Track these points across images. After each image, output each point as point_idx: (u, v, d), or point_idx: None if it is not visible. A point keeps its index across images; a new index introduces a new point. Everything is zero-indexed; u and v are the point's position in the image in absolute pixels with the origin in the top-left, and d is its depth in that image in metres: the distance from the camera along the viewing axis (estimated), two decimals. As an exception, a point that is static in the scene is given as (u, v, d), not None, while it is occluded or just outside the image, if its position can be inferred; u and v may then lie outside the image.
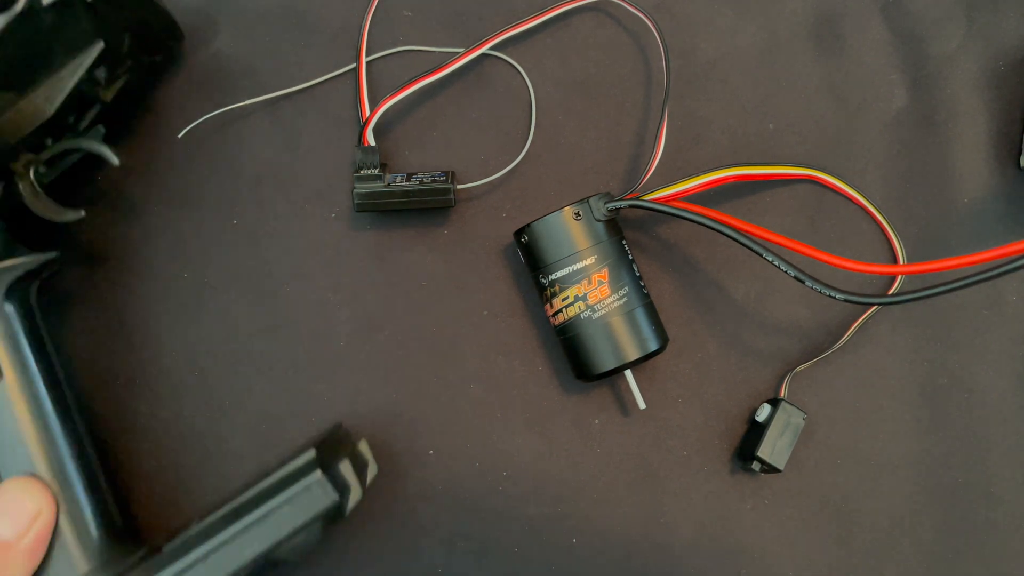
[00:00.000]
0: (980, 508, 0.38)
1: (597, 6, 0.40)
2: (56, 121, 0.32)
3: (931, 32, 0.40)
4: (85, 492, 0.31)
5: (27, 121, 0.31)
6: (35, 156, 0.33)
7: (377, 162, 0.36)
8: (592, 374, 0.34)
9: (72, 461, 0.31)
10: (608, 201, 0.35)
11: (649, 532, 0.37)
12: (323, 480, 0.29)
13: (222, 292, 0.38)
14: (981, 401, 0.38)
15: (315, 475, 0.29)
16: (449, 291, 0.38)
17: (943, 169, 0.39)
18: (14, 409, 0.31)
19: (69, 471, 0.31)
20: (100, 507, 0.32)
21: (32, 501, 0.29)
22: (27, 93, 0.31)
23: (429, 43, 0.39)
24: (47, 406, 0.31)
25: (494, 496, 0.37)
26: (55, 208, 0.33)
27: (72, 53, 0.32)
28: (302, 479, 0.30)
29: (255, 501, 0.30)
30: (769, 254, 0.33)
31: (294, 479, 0.30)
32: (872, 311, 0.38)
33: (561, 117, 0.39)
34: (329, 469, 0.30)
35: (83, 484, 0.31)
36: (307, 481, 0.29)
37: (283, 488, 0.30)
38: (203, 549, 0.29)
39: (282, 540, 0.29)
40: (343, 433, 0.35)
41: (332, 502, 0.30)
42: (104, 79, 0.34)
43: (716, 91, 0.40)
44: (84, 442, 0.32)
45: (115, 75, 0.34)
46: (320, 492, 0.29)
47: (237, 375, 0.38)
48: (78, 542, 0.31)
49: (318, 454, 0.30)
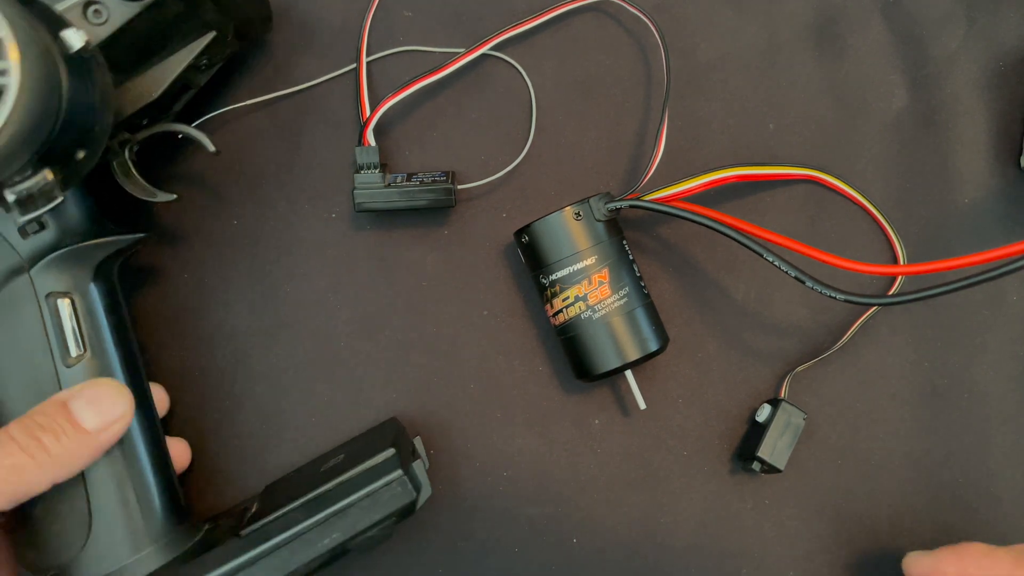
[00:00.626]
0: (980, 508, 0.38)
1: (597, 6, 0.40)
2: (156, 104, 0.33)
3: (931, 32, 0.40)
4: (153, 472, 0.31)
5: (132, 102, 0.32)
6: (131, 135, 0.33)
7: (377, 162, 0.36)
8: (592, 374, 0.34)
9: (145, 440, 0.32)
10: (608, 201, 0.35)
11: (649, 532, 0.37)
12: (404, 479, 0.31)
13: (222, 292, 0.38)
14: (981, 401, 0.38)
15: (396, 474, 0.31)
16: (449, 291, 0.38)
17: (943, 169, 0.39)
18: None
19: (141, 448, 0.31)
20: (167, 487, 0.32)
21: (120, 401, 0.30)
22: (136, 75, 0.32)
23: (429, 43, 0.39)
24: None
25: (494, 496, 0.37)
26: (148, 188, 0.34)
27: (185, 41, 0.33)
28: (384, 476, 0.31)
29: (337, 493, 0.31)
30: (769, 254, 0.33)
31: (376, 475, 0.31)
32: (872, 311, 0.38)
33: (561, 117, 0.39)
34: (407, 468, 0.31)
35: (152, 464, 0.32)
36: (389, 479, 0.31)
37: (365, 484, 0.31)
38: (286, 536, 0.30)
39: (359, 532, 0.31)
40: (401, 428, 0.35)
41: (410, 500, 0.31)
42: (204, 66, 0.35)
43: (716, 91, 0.40)
44: (155, 422, 0.33)
45: (213, 62, 0.35)
46: (400, 490, 0.31)
47: (236, 375, 0.38)
48: (145, 519, 0.31)
49: (396, 453, 0.31)
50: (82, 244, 0.31)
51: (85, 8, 0.29)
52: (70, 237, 0.31)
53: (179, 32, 0.32)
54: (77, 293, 0.31)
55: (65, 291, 0.31)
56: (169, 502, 0.32)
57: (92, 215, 0.32)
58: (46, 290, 0.30)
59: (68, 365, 0.30)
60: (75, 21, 0.29)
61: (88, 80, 0.27)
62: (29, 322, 0.30)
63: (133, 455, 0.31)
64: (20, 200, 0.26)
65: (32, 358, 0.30)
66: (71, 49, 0.27)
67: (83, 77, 0.27)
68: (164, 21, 0.31)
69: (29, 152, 0.25)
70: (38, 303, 0.30)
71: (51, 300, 0.30)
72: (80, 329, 0.31)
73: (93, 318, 0.31)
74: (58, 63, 0.26)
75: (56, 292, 0.30)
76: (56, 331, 0.30)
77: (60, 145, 0.27)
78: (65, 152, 0.28)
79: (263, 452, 0.37)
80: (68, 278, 0.31)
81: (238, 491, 0.37)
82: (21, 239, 0.30)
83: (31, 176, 0.26)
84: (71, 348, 0.30)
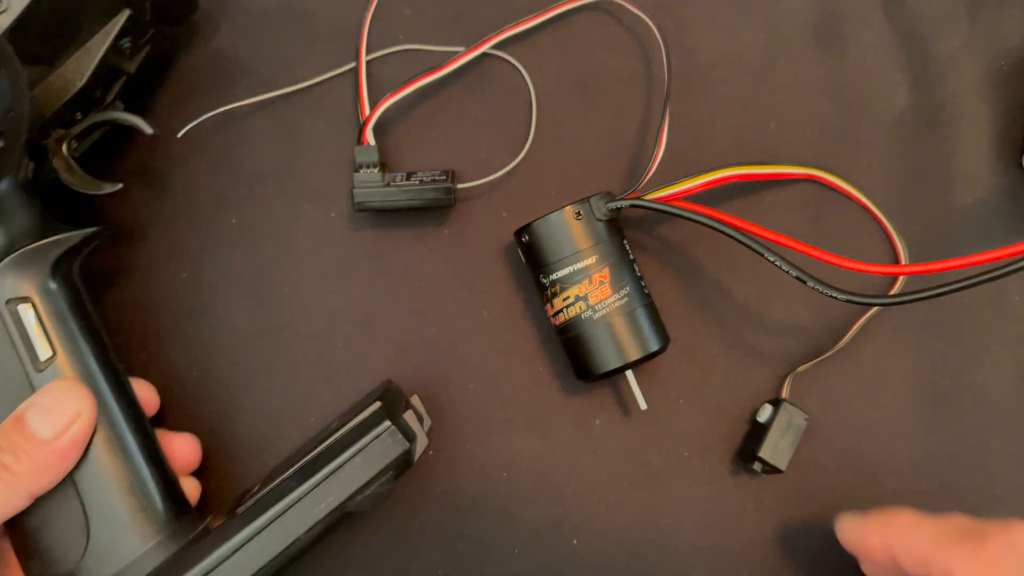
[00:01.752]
0: (982, 509, 0.38)
1: (597, 6, 0.40)
2: (85, 94, 0.32)
3: (933, 31, 0.40)
4: (147, 464, 0.31)
5: (57, 95, 0.32)
6: (66, 131, 0.33)
7: (377, 161, 0.36)
8: (593, 374, 0.34)
9: (131, 435, 0.31)
10: (609, 201, 0.34)
11: (650, 533, 0.37)
12: (393, 430, 0.30)
13: (221, 292, 0.38)
14: (983, 401, 0.38)
15: (384, 425, 0.30)
16: (449, 291, 0.38)
17: (945, 169, 0.39)
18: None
19: (129, 444, 0.31)
20: (162, 481, 0.32)
21: (73, 402, 0.29)
22: (57, 66, 0.32)
23: (429, 42, 0.39)
24: (101, 382, 0.31)
25: (494, 497, 0.37)
26: (91, 181, 0.33)
27: (99, 23, 0.32)
28: (372, 430, 0.30)
29: (327, 455, 0.30)
30: (771, 254, 0.33)
31: (364, 430, 0.30)
32: (874, 311, 0.38)
33: (561, 117, 0.39)
34: (395, 419, 0.31)
35: (144, 456, 0.31)
36: (377, 431, 0.30)
37: (354, 440, 0.30)
38: (281, 505, 0.30)
39: (357, 491, 0.30)
40: (396, 388, 0.35)
41: (403, 450, 0.30)
42: (128, 49, 0.34)
43: (717, 91, 0.39)
44: (140, 415, 0.32)
45: (138, 45, 0.35)
46: (391, 441, 0.30)
47: (236, 375, 0.38)
48: (144, 514, 0.30)
49: (383, 405, 0.31)
50: (33, 245, 0.31)
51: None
52: (20, 240, 0.31)
53: (89, 13, 0.31)
54: (37, 295, 0.30)
55: (24, 296, 0.30)
56: (167, 496, 0.31)
57: (41, 216, 0.32)
58: (5, 297, 0.30)
59: (39, 370, 0.30)
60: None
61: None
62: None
63: (122, 452, 0.31)
64: None
65: (2, 368, 0.30)
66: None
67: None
68: (70, 2, 0.30)
69: None
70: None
71: (11, 306, 0.30)
72: (47, 331, 0.30)
73: (58, 319, 0.31)
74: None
75: (15, 298, 0.30)
76: (22, 337, 0.30)
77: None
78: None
79: (262, 452, 0.37)
80: (25, 282, 0.30)
81: (233, 491, 0.37)
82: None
83: None
84: (39, 352, 0.30)
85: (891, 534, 0.30)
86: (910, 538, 0.30)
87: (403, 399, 0.34)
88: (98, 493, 0.30)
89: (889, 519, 0.31)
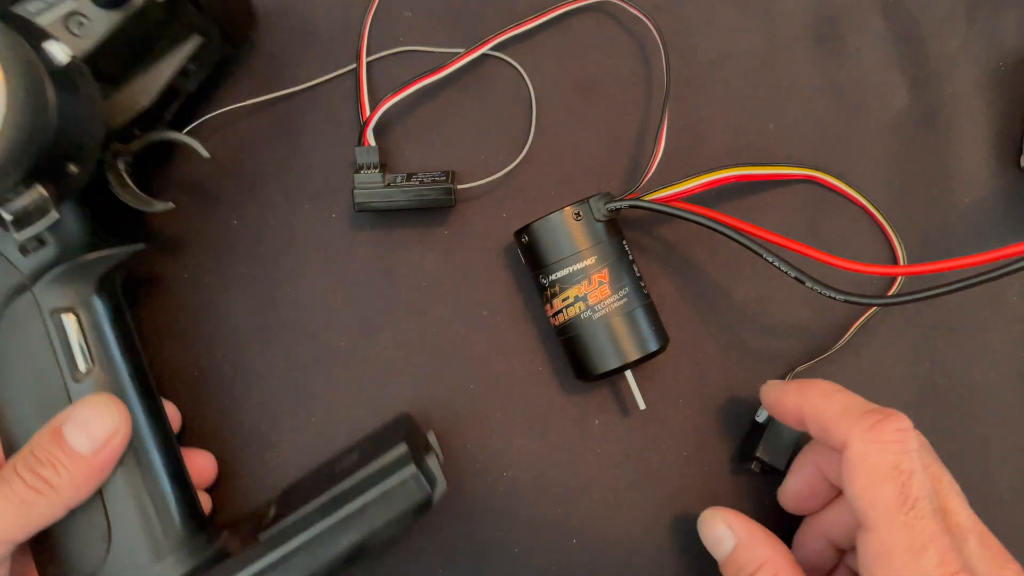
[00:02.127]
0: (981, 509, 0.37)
1: (597, 7, 0.40)
2: (149, 113, 0.32)
3: (932, 32, 0.40)
4: (171, 480, 0.31)
5: (122, 112, 0.32)
6: (124, 146, 0.33)
7: (377, 162, 0.36)
8: (592, 374, 0.34)
9: (159, 450, 0.31)
10: (608, 201, 0.35)
11: (650, 533, 0.37)
12: (417, 475, 0.30)
13: (222, 292, 0.38)
14: (982, 401, 0.38)
15: (409, 469, 0.31)
16: (449, 291, 0.38)
17: (944, 169, 0.39)
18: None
19: (156, 459, 0.31)
20: (184, 496, 0.32)
21: (111, 417, 0.30)
22: (123, 85, 0.32)
23: (429, 43, 0.39)
24: (134, 398, 0.31)
25: (494, 496, 0.37)
26: (143, 198, 0.33)
27: (171, 47, 0.32)
28: (396, 473, 0.31)
29: (351, 493, 0.31)
30: (769, 254, 0.33)
31: (388, 472, 0.31)
32: (872, 311, 0.38)
33: (561, 117, 0.39)
34: (420, 464, 0.31)
35: (169, 472, 0.31)
36: (402, 475, 0.31)
37: (378, 481, 0.31)
38: (302, 538, 0.30)
39: (376, 531, 0.30)
40: (415, 425, 0.35)
41: (425, 496, 0.31)
42: (192, 71, 0.34)
43: (716, 91, 0.40)
44: (169, 432, 0.32)
45: (202, 67, 0.35)
46: (414, 486, 0.31)
47: (236, 375, 0.38)
48: (164, 528, 0.31)
49: (409, 450, 0.31)
50: (83, 258, 0.31)
51: (67, 20, 0.29)
52: (70, 252, 0.31)
53: (164, 38, 0.32)
54: (81, 307, 0.31)
55: (69, 306, 0.30)
56: (187, 511, 0.32)
57: (91, 228, 0.32)
58: (50, 306, 0.30)
59: (77, 380, 0.30)
60: (58, 33, 0.28)
61: (75, 93, 0.27)
62: (36, 340, 0.30)
63: (150, 467, 0.31)
64: (16, 218, 0.26)
65: (41, 376, 0.30)
66: (57, 63, 0.26)
67: (70, 90, 0.27)
68: (147, 28, 0.31)
69: (20, 169, 0.25)
70: (43, 320, 0.30)
71: (56, 316, 0.30)
72: (87, 344, 0.31)
73: (99, 332, 0.31)
74: (44, 77, 0.26)
75: (60, 308, 0.30)
76: (63, 347, 0.30)
77: (51, 160, 0.27)
78: (57, 167, 0.28)
79: (263, 452, 0.37)
80: (71, 293, 0.31)
81: (236, 490, 0.37)
82: (22, 257, 0.30)
83: (24, 193, 0.26)
84: (79, 363, 0.30)
85: (804, 399, 0.31)
86: (820, 406, 0.30)
87: (423, 437, 0.34)
88: (123, 505, 0.30)
89: (806, 386, 0.32)
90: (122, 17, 0.29)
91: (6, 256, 0.30)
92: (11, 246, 0.30)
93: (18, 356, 0.30)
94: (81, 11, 0.29)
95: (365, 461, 0.32)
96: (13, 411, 0.30)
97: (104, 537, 0.30)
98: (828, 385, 0.31)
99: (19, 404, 0.30)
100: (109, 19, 0.29)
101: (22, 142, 0.25)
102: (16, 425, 0.30)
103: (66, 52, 0.27)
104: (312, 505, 0.31)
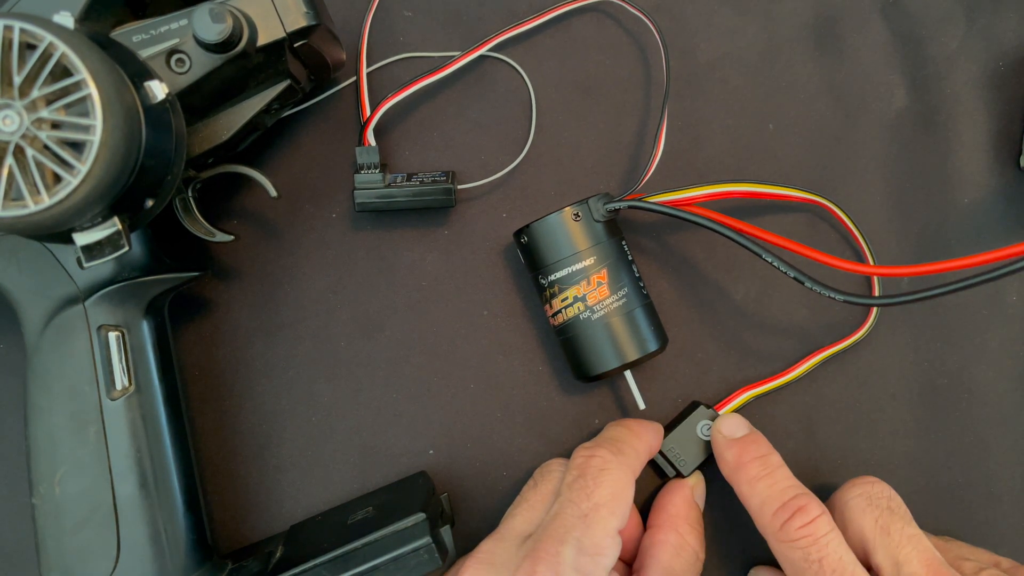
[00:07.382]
0: (980, 508, 0.38)
1: (597, 7, 0.40)
2: (226, 144, 0.33)
3: (931, 32, 0.40)
4: (184, 509, 0.32)
5: (201, 143, 0.32)
6: (196, 173, 0.34)
7: (377, 162, 0.37)
8: (592, 374, 0.34)
9: (178, 476, 0.32)
10: (608, 202, 0.35)
11: (649, 532, 0.37)
12: (431, 547, 0.31)
13: (222, 292, 0.38)
14: (981, 401, 0.38)
15: (425, 540, 0.31)
16: (449, 291, 0.38)
17: (943, 169, 0.39)
18: (134, 420, 0.31)
19: (175, 484, 0.31)
20: (195, 524, 0.32)
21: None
22: (209, 119, 0.32)
23: (429, 43, 0.39)
24: (164, 422, 0.32)
25: (494, 496, 0.37)
26: (207, 227, 0.34)
27: (261, 88, 0.33)
28: (412, 542, 0.31)
29: (364, 553, 0.31)
30: (768, 255, 0.33)
31: (404, 540, 0.31)
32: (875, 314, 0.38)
33: (561, 117, 0.39)
34: (436, 534, 0.31)
35: (183, 500, 0.32)
36: (417, 545, 0.31)
37: (393, 547, 0.31)
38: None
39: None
40: (430, 485, 0.35)
41: (436, 566, 0.31)
42: (275, 110, 0.35)
43: (716, 91, 0.40)
44: (191, 459, 0.33)
45: (284, 106, 0.35)
46: (427, 557, 0.31)
47: (236, 375, 0.38)
48: (172, 554, 0.31)
49: (427, 518, 0.31)
50: (139, 279, 0.31)
51: (169, 57, 0.29)
52: (127, 271, 0.31)
53: (257, 80, 0.32)
54: (128, 327, 0.31)
55: (117, 324, 0.31)
56: (196, 539, 0.32)
57: (151, 251, 0.32)
58: (98, 322, 0.30)
59: (112, 398, 0.30)
60: (158, 69, 0.29)
61: (166, 130, 0.27)
62: (79, 352, 0.30)
63: (167, 491, 0.31)
64: (87, 248, 0.26)
65: (78, 387, 0.30)
66: (153, 100, 0.26)
67: (161, 127, 0.27)
68: (244, 71, 0.31)
69: (103, 203, 0.25)
70: (89, 334, 0.30)
71: (102, 332, 0.30)
72: (128, 363, 0.31)
73: (142, 353, 0.31)
74: (139, 115, 0.26)
75: (108, 325, 0.31)
76: (104, 364, 0.30)
77: (132, 194, 0.27)
78: (136, 201, 0.28)
79: (262, 452, 0.37)
80: (121, 312, 0.31)
81: (234, 490, 0.37)
82: (79, 269, 0.30)
83: (101, 224, 0.26)
84: (117, 381, 0.31)
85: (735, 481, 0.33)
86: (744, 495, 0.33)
87: (438, 501, 0.34)
88: (136, 525, 0.30)
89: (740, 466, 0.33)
90: (222, 60, 0.29)
91: (64, 267, 0.30)
92: (70, 257, 0.30)
93: (59, 365, 0.30)
94: (184, 49, 0.29)
95: (381, 522, 0.32)
96: (44, 417, 0.30)
97: (112, 555, 0.30)
98: (755, 469, 0.33)
99: (51, 412, 0.30)
100: (210, 61, 0.29)
101: (111, 179, 0.25)
102: (43, 431, 0.30)
103: (164, 92, 0.27)
104: (323, 559, 0.31)
